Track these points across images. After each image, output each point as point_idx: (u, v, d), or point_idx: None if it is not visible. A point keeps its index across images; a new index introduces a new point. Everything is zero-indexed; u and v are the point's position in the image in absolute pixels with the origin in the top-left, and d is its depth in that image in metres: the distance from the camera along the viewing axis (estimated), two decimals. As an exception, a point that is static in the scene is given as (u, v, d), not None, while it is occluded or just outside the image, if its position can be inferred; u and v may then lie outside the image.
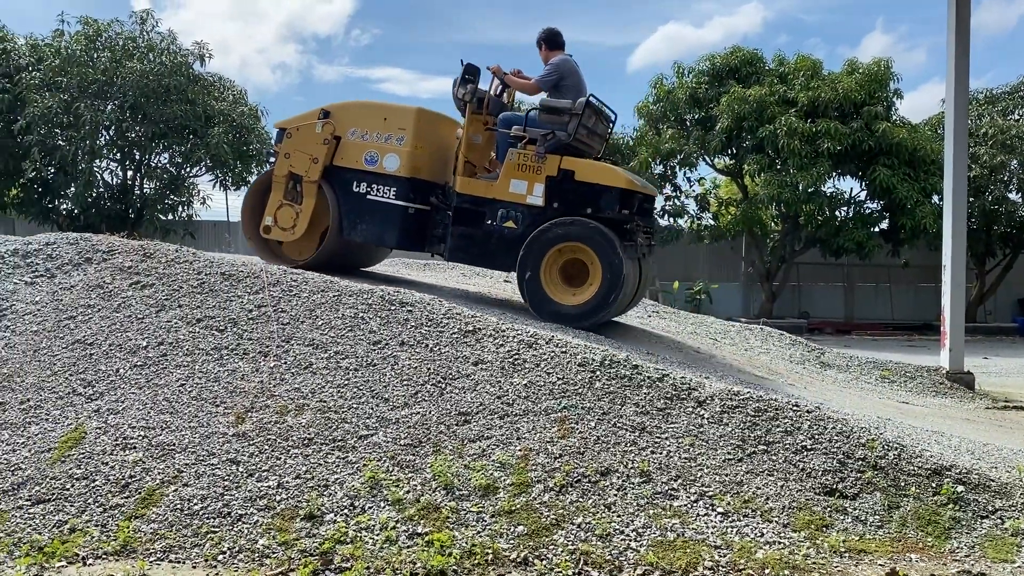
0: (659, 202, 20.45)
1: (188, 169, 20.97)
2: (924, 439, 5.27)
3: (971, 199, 19.07)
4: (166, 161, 20.86)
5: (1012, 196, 19.82)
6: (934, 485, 4.28)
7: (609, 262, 6.33)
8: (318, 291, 5.61)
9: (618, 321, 7.99)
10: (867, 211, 19.22)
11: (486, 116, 7.08)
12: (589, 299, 6.43)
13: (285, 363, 4.91)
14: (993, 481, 4.37)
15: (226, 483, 4.04)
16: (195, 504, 3.91)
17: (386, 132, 6.79)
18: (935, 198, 17.56)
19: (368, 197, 6.81)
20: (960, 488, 4.27)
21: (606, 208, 6.42)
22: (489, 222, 6.64)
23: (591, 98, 6.61)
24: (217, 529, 3.78)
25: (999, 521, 4.09)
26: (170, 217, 21.16)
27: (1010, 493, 4.27)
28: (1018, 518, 4.09)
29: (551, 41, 7.06)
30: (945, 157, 9.47)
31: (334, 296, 5.55)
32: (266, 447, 4.27)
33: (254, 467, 4.14)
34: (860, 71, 18.62)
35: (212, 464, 4.16)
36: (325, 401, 4.60)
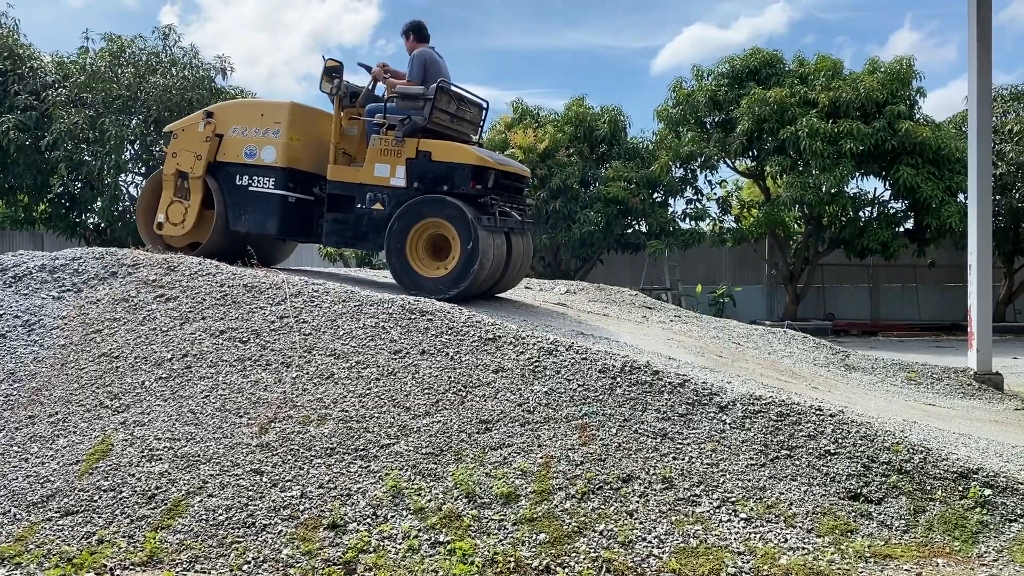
0: (680, 205, 20.39)
1: (211, 181, 21.19)
2: (951, 442, 5.21)
3: (997, 197, 18.84)
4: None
5: (1040, 193, 19.54)
6: (961, 489, 4.24)
7: (466, 235, 6.63)
8: (339, 301, 5.65)
9: (630, 323, 7.98)
10: (891, 211, 19.03)
11: (359, 109, 7.39)
12: (451, 271, 6.75)
13: (307, 373, 4.95)
14: (1022, 484, 4.31)
15: (250, 493, 4.08)
16: (220, 514, 3.95)
17: (263, 127, 7.22)
18: (960, 197, 17.35)
19: (250, 189, 7.23)
20: (988, 492, 4.21)
21: (460, 184, 6.78)
22: (359, 206, 7.02)
23: (442, 83, 6.98)
24: (242, 539, 3.82)
25: (1028, 525, 4.03)
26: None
27: (1039, 496, 4.21)
28: (1047, 522, 4.03)
29: (417, 33, 7.45)
30: (969, 155, 9.36)
31: (355, 306, 5.59)
32: (289, 457, 4.31)
33: (277, 477, 4.18)
34: (882, 70, 18.45)
35: (236, 474, 4.20)
36: (347, 411, 4.63)
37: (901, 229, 19.30)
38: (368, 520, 3.90)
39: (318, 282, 6.06)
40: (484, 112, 7.84)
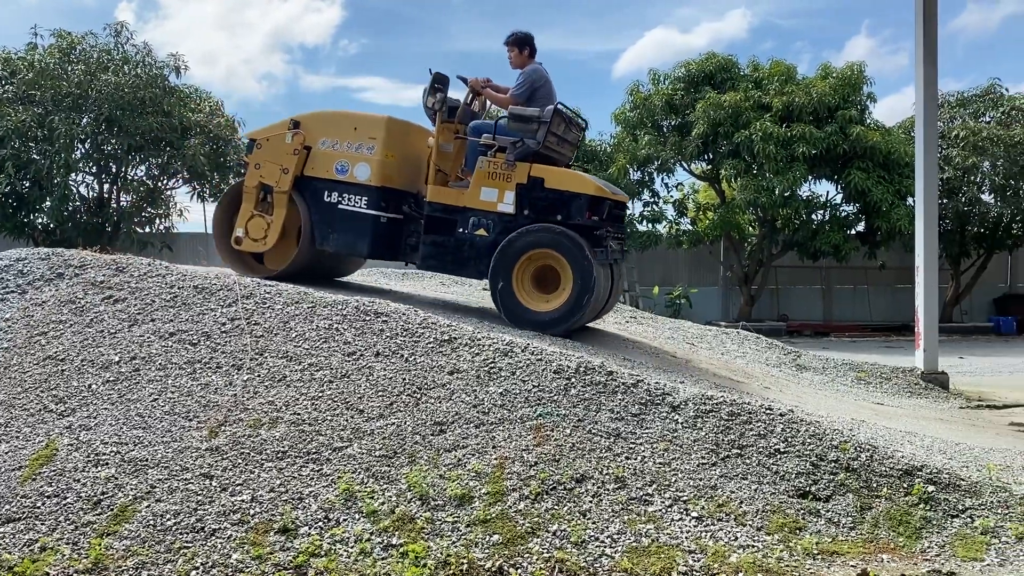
0: (637, 207, 20.57)
1: (165, 181, 20.85)
2: (897, 440, 5.33)
3: (945, 201, 19.32)
4: (142, 174, 20.73)
5: (985, 197, 20.05)
6: (906, 486, 4.33)
7: (580, 268, 6.36)
8: (292, 303, 5.59)
9: (594, 327, 8.02)
10: (843, 214, 19.39)
11: (457, 125, 7.08)
12: (561, 305, 6.46)
13: (259, 376, 4.89)
14: (964, 480, 4.42)
15: (199, 498, 4.01)
16: (168, 520, 3.88)
17: (356, 141, 6.78)
18: (909, 200, 17.73)
19: (340, 207, 6.80)
20: (931, 488, 4.31)
21: (576, 215, 6.46)
22: (461, 230, 6.67)
23: (559, 106, 6.65)
24: (190, 544, 3.76)
25: (969, 520, 4.14)
26: (147, 230, 21.02)
27: (980, 492, 4.33)
28: (987, 517, 4.14)
29: (530, 47, 7.02)
30: (916, 160, 9.59)
31: (308, 307, 5.54)
32: (240, 461, 4.25)
33: (228, 481, 4.12)
34: (834, 75, 18.79)
35: (185, 479, 4.13)
36: (299, 414, 4.58)
37: (852, 232, 19.68)
38: (320, 524, 3.87)
39: (270, 283, 5.99)
40: (584, 132, 7.52)
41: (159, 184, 20.76)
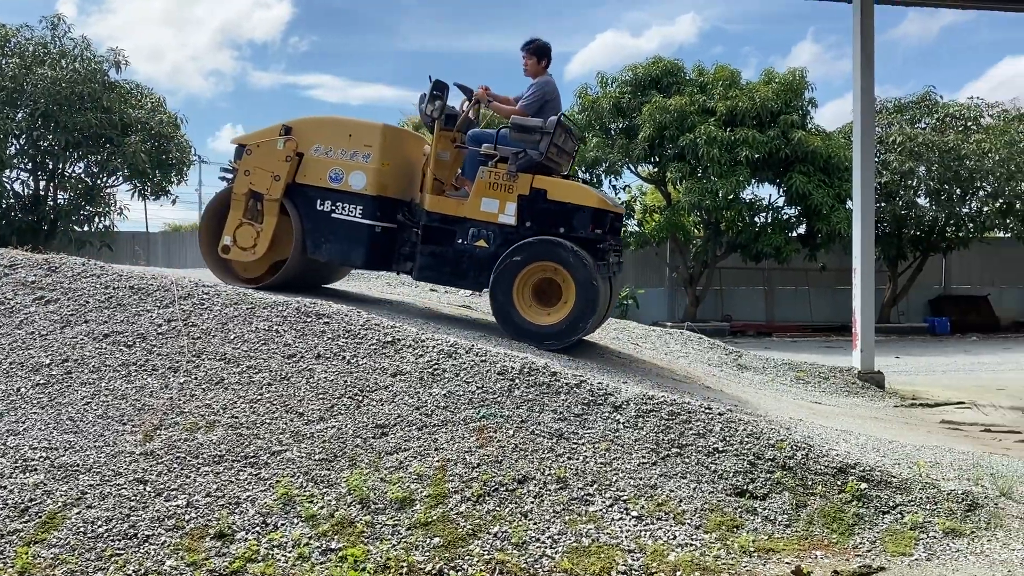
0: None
1: (104, 179, 20.35)
2: (832, 438, 5.45)
3: (882, 204, 19.84)
4: (81, 171, 20.23)
5: (921, 201, 20.63)
6: (840, 483, 4.43)
7: (583, 282, 6.25)
8: (231, 304, 5.50)
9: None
10: (785, 217, 19.78)
11: (455, 133, 6.94)
12: (563, 319, 6.35)
13: (196, 379, 4.80)
14: (895, 477, 4.54)
15: (132, 504, 3.92)
16: (99, 526, 3.78)
17: (351, 149, 6.61)
18: (849, 203, 18.17)
19: (333, 215, 6.62)
20: (864, 485, 4.42)
21: (579, 227, 6.38)
22: (460, 241, 6.54)
23: (561, 117, 6.57)
24: (122, 551, 3.67)
25: (899, 516, 4.25)
26: (86, 229, 20.50)
27: (910, 489, 4.45)
28: (916, 513, 4.26)
29: (545, 56, 6.92)
30: (854, 165, 9.83)
31: (247, 309, 5.45)
32: (175, 465, 4.17)
33: (162, 486, 4.03)
34: (777, 81, 19.16)
35: (118, 484, 4.03)
36: (237, 417, 4.51)
37: (794, 234, 20.08)
38: (257, 529, 3.81)
39: (209, 284, 5.88)
40: (579, 143, 7.30)
41: (98, 182, 20.26)
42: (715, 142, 17.68)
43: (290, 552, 3.68)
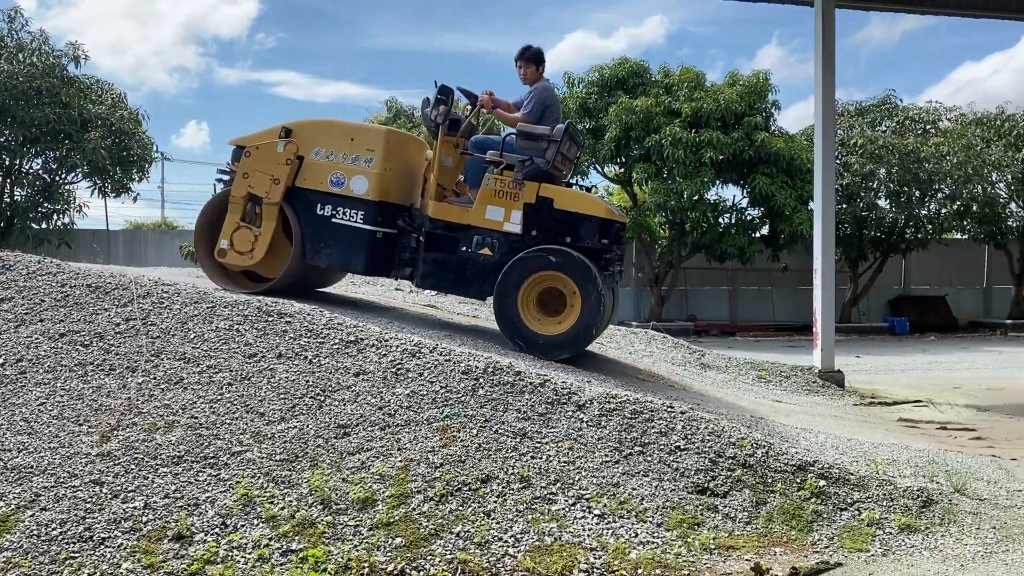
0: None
1: (63, 175, 20.00)
2: (792, 436, 5.52)
3: (844, 205, 20.14)
4: (39, 167, 19.84)
5: (881, 203, 20.99)
6: (799, 481, 4.49)
7: (590, 292, 6.21)
8: (191, 303, 5.43)
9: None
10: (748, 217, 20.01)
11: (458, 138, 6.87)
12: (568, 329, 6.29)
13: (154, 378, 4.73)
14: (852, 475, 4.61)
15: (88, 506, 3.85)
16: (54, 529, 3.71)
17: (353, 153, 6.50)
18: (811, 204, 18.42)
19: (333, 220, 6.51)
20: (822, 483, 4.48)
21: (586, 237, 6.34)
22: (463, 248, 6.46)
23: (568, 124, 6.53)
24: (77, 554, 3.60)
25: (856, 512, 4.32)
26: (44, 226, 20.13)
27: (867, 486, 4.52)
28: (873, 509, 4.33)
29: (542, 62, 6.92)
30: (815, 167, 9.96)
31: (208, 308, 5.39)
32: (133, 466, 4.10)
33: (119, 488, 3.97)
34: (741, 83, 19.37)
35: (73, 486, 3.96)
36: (196, 417, 4.45)
37: (757, 235, 20.32)
38: (216, 530, 3.76)
39: (168, 283, 5.80)
40: (581, 150, 7.31)
41: (57, 178, 19.90)
42: (680, 143, 17.83)
43: (250, 553, 3.64)
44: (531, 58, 6.88)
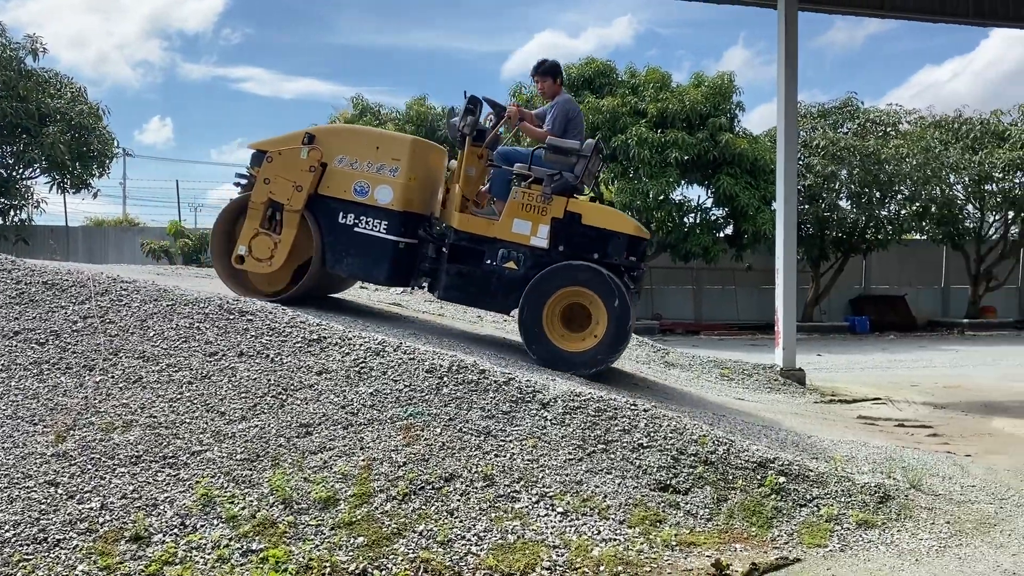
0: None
1: (20, 171, 19.60)
2: (753, 433, 5.58)
3: (806, 206, 20.41)
4: (-6, 162, 19.42)
5: (843, 203, 21.31)
6: (759, 477, 4.54)
7: (617, 309, 6.18)
8: (151, 300, 5.35)
9: (468, 329, 8.06)
10: (712, 218, 20.21)
11: (483, 149, 6.82)
12: (595, 346, 6.26)
13: (112, 377, 4.65)
14: (812, 471, 4.68)
15: (43, 507, 3.77)
16: (6, 531, 3.63)
17: (378, 162, 6.41)
18: (774, 205, 18.64)
19: (356, 230, 6.42)
20: (782, 479, 4.54)
21: (613, 254, 6.34)
22: (488, 262, 6.40)
23: (598, 139, 6.49)
24: (31, 556, 3.53)
25: (815, 509, 4.38)
26: (1, 222, 19.71)
27: (826, 482, 4.59)
28: (832, 505, 4.40)
29: (558, 74, 6.94)
30: (777, 168, 10.09)
31: (168, 305, 5.31)
32: (89, 467, 4.03)
33: (75, 488, 3.89)
34: (706, 84, 19.55)
35: (28, 487, 3.88)
36: (156, 416, 4.38)
37: (721, 235, 20.53)
38: (175, 531, 3.71)
39: (127, 280, 5.71)
40: (604, 164, 7.24)
41: (14, 173, 19.50)
42: (646, 143, 17.95)
43: (209, 554, 3.60)
44: (547, 72, 6.91)
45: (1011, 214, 23.17)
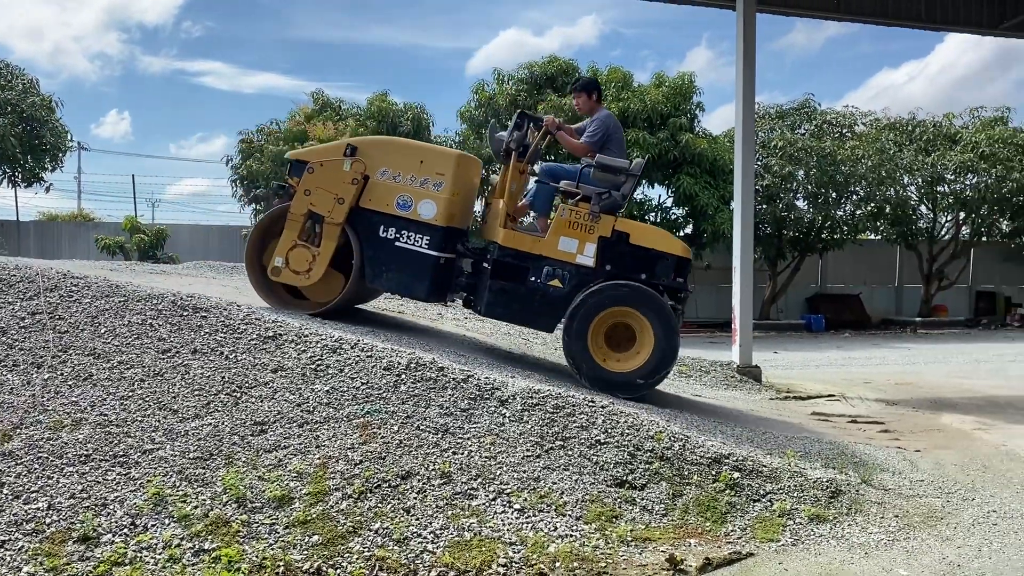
0: (478, 207, 20.73)
1: (-32, 163, 19.09)
2: (709, 430, 5.64)
3: (764, 206, 20.66)
4: (-59, 154, 18.90)
5: (800, 204, 21.61)
6: (714, 473, 4.60)
7: (664, 330, 6.15)
8: (102, 296, 5.25)
9: (430, 325, 8.03)
10: (673, 217, 20.35)
11: (524, 164, 6.76)
12: (640, 367, 6.19)
13: (61, 375, 4.55)
14: (766, 467, 4.74)
15: (-13, 508, 3.68)
16: (-51, 533, 3.54)
17: (422, 176, 6.31)
18: (732, 205, 18.85)
19: (397, 244, 6.32)
20: (736, 475, 4.60)
21: (661, 274, 6.31)
22: (533, 279, 6.31)
23: (648, 159, 6.46)
24: (-26, 559, 3.44)
25: (769, 504, 4.44)
26: (-53, 216, 19.19)
27: (779, 477, 4.66)
28: (785, 500, 4.46)
29: (597, 91, 6.93)
30: (735, 168, 10.20)
31: (120, 302, 5.21)
32: (36, 466, 3.94)
33: (21, 488, 3.81)
34: (667, 84, 19.68)
35: (-29, 488, 3.78)
36: (106, 414, 4.30)
37: (681, 234, 20.69)
38: (125, 530, 3.65)
39: (79, 275, 5.59)
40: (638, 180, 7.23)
41: (-39, 166, 18.98)
42: (607, 142, 18.01)
43: (160, 554, 3.54)
44: (584, 87, 6.91)
45: (962, 215, 23.72)
